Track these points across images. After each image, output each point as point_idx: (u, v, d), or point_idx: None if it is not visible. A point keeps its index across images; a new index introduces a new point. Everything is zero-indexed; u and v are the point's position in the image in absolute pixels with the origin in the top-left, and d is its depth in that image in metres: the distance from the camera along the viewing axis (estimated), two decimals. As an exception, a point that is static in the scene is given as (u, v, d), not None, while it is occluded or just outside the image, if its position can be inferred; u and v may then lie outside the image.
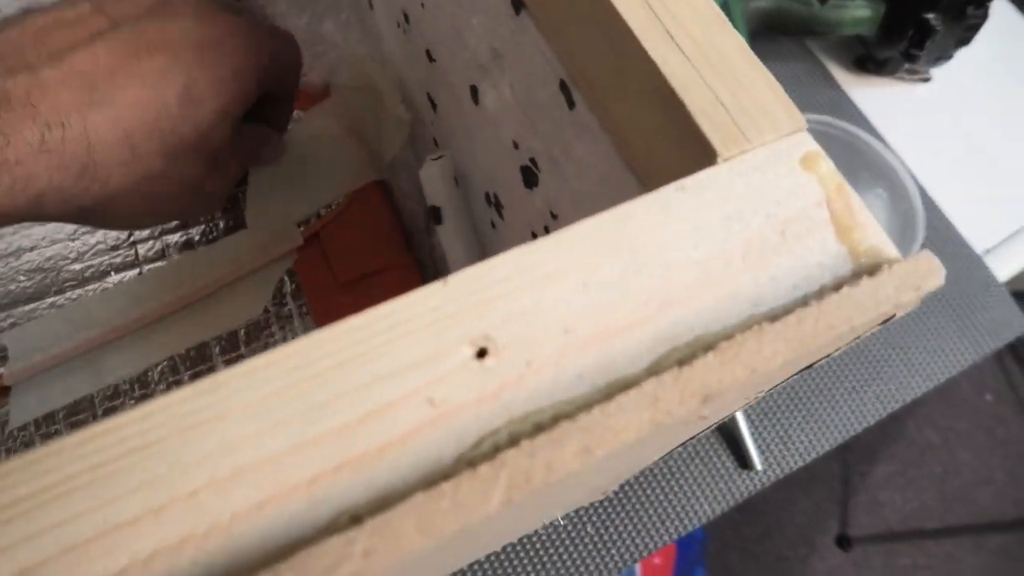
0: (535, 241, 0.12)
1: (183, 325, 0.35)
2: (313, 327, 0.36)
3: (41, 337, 0.34)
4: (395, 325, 0.11)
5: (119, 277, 0.36)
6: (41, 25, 0.24)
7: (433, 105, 0.31)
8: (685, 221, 0.13)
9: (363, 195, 0.39)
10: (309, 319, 0.36)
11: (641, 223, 0.12)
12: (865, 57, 0.51)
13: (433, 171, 0.31)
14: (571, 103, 0.17)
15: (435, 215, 0.33)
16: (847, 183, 0.13)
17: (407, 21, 0.28)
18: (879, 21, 0.47)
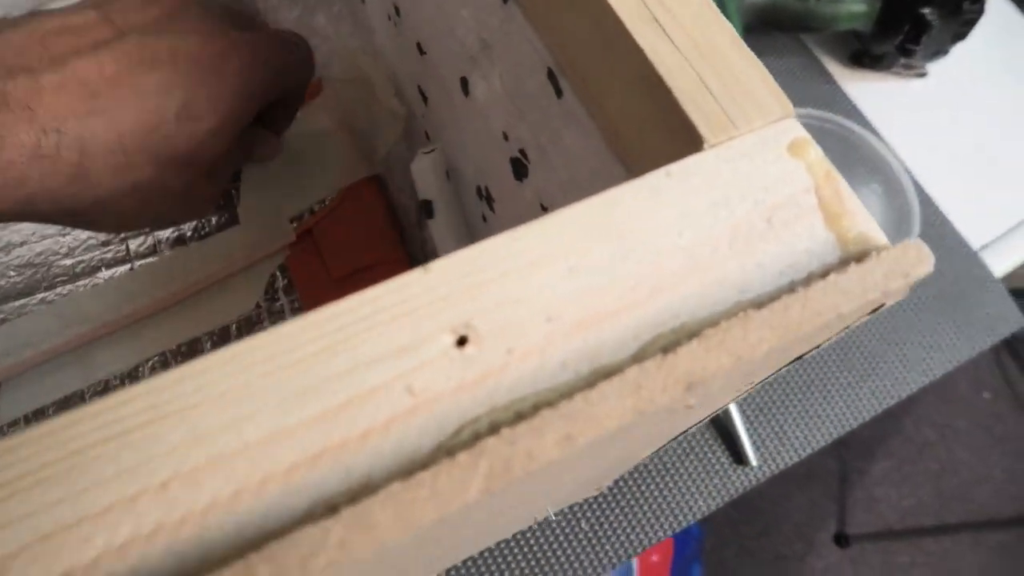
0: (519, 227, 0.12)
1: (174, 321, 0.35)
2: (305, 322, 0.35)
3: (31, 333, 0.34)
4: (374, 313, 0.11)
5: (110, 272, 0.36)
6: (47, 29, 0.24)
7: (424, 98, 0.30)
8: (671, 207, 0.12)
9: (356, 190, 0.39)
10: (301, 315, 0.36)
11: (627, 209, 0.12)
12: (861, 52, 0.51)
13: (424, 164, 0.31)
14: (559, 91, 0.17)
15: (427, 209, 0.33)
16: (836, 170, 0.13)
17: (398, 14, 0.28)
18: (875, 16, 0.47)
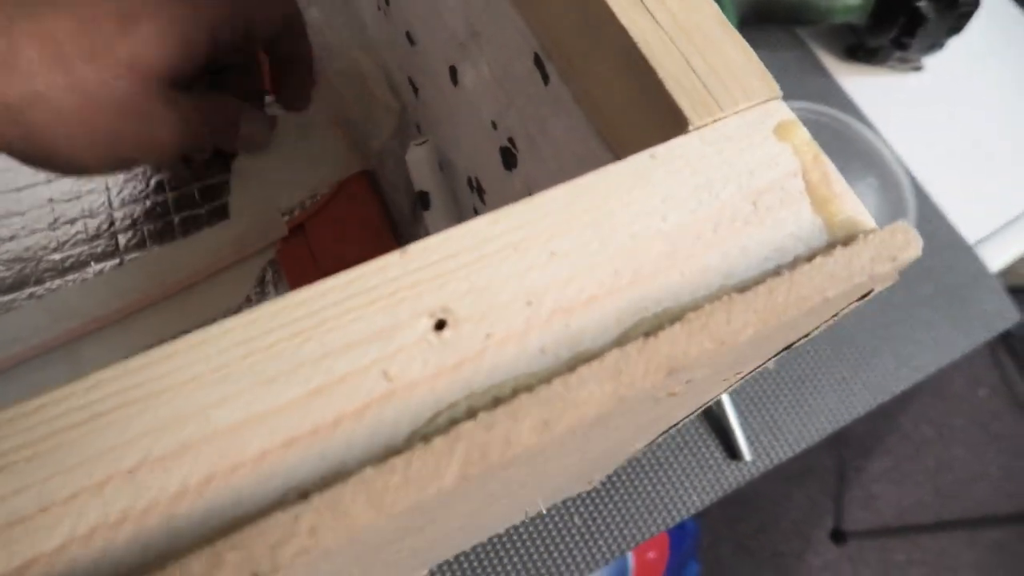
0: (499, 210, 0.12)
1: (164, 315, 0.34)
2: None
3: (20, 328, 0.33)
4: (350, 296, 0.11)
5: (99, 267, 0.35)
6: None
7: (415, 89, 0.30)
8: (655, 190, 0.12)
9: (349, 185, 0.38)
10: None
11: (610, 192, 0.12)
12: (856, 46, 0.51)
13: (419, 155, 0.31)
14: (545, 77, 0.17)
15: (423, 200, 0.32)
16: (823, 153, 0.13)
17: (387, 3, 0.28)
18: (870, 9, 0.47)
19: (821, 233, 0.12)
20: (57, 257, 0.36)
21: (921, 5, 0.45)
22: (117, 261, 0.36)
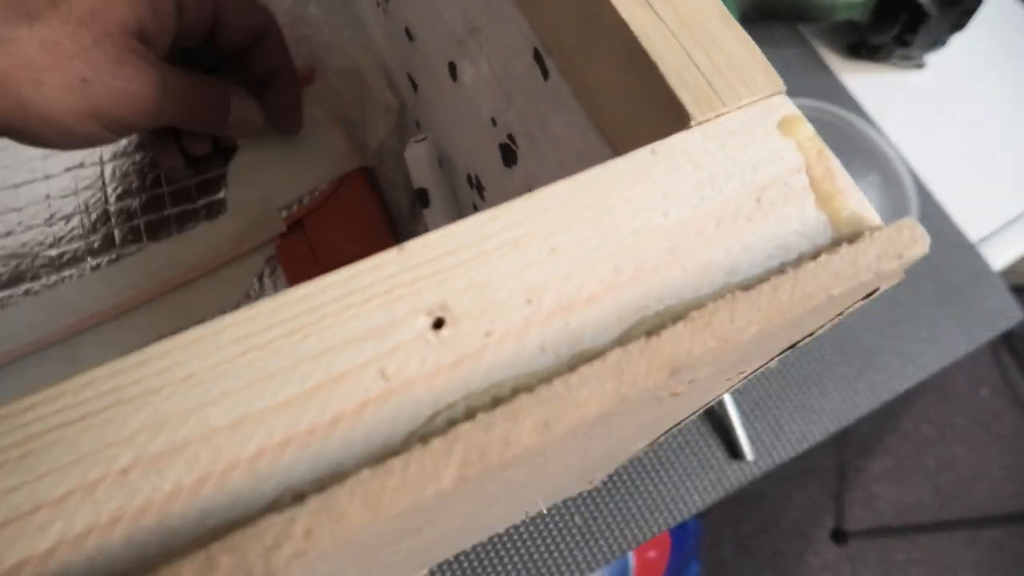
0: (499, 206, 0.12)
1: (161, 312, 0.34)
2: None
3: (16, 324, 0.33)
4: (347, 294, 0.11)
5: (96, 263, 0.35)
6: None
7: (414, 86, 0.30)
8: (656, 186, 0.12)
9: (348, 182, 0.38)
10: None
11: (611, 188, 0.12)
12: (858, 43, 0.51)
13: (418, 152, 0.31)
14: (545, 73, 0.17)
15: (422, 198, 0.32)
16: (828, 148, 0.13)
17: (386, 0, 0.28)
18: (872, 6, 0.46)
19: (826, 229, 0.12)
20: (53, 253, 0.35)
21: (923, 2, 0.44)
22: (113, 256, 0.35)
